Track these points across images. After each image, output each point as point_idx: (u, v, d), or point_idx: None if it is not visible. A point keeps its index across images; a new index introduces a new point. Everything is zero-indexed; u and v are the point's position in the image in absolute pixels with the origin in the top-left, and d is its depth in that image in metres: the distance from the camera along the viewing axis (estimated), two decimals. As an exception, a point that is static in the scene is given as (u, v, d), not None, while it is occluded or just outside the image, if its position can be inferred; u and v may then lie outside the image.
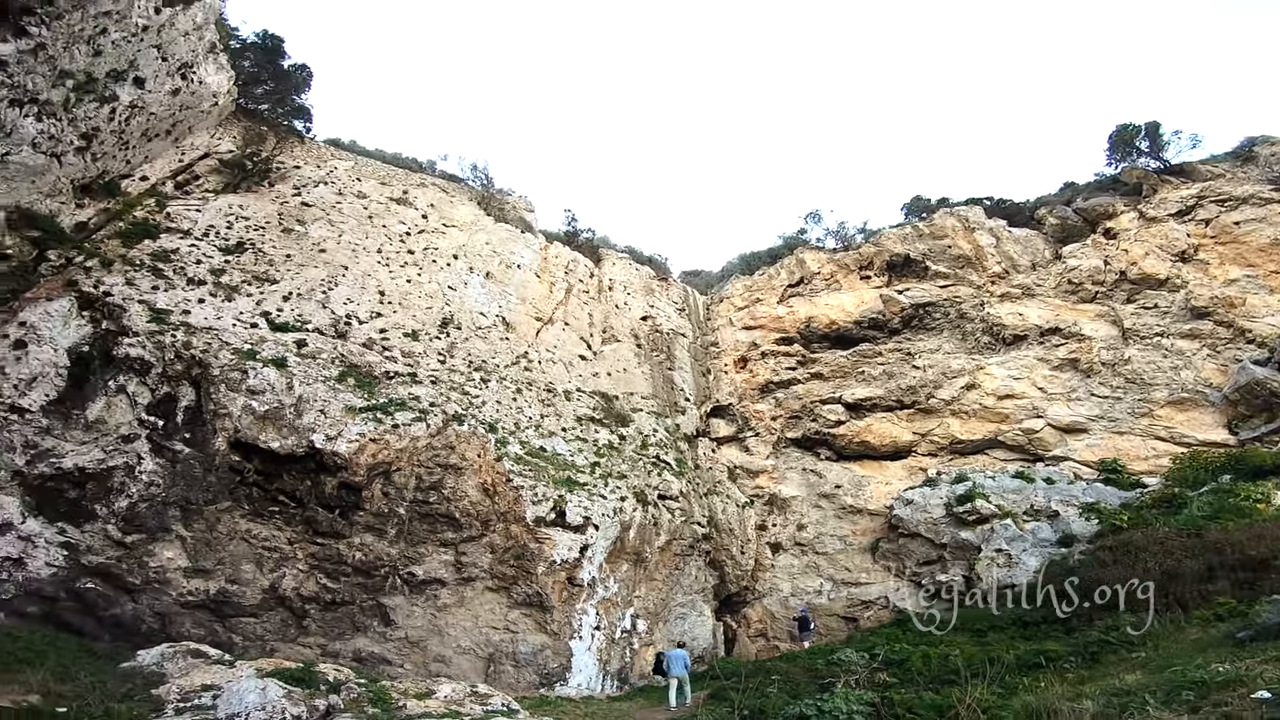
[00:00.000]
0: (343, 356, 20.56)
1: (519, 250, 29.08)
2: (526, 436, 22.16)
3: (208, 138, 24.26)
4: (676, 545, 23.08)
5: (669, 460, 25.54)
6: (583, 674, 17.86)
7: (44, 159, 17.62)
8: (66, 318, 16.82)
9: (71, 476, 14.82)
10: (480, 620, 17.29)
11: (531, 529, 19.19)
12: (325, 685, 11.00)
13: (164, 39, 20.46)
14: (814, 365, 30.80)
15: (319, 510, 17.22)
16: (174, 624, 14.09)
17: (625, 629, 19.84)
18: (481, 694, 12.64)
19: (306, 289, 21.73)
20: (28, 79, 16.05)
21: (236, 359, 18.09)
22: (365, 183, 27.28)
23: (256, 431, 17.17)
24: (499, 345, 25.01)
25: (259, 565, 15.62)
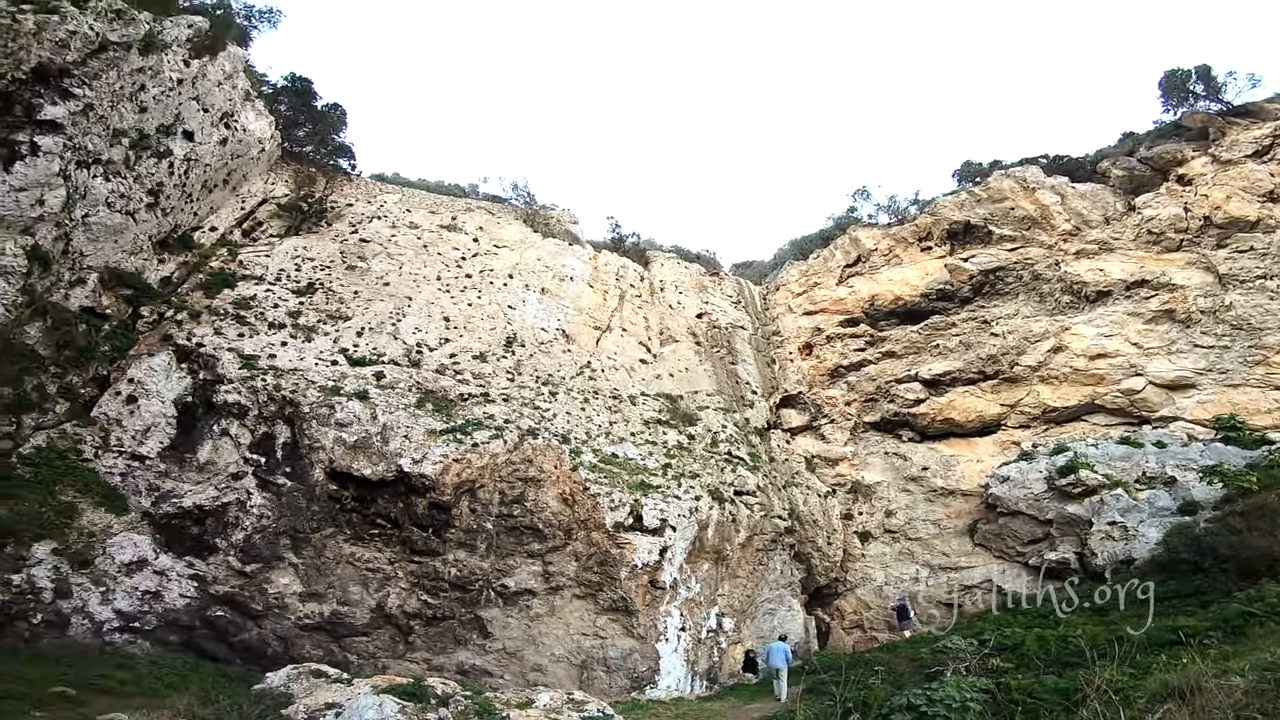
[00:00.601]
0: (418, 384, 21.49)
1: (569, 262, 29.57)
2: (598, 444, 22.44)
3: (262, 184, 25.88)
4: (758, 541, 22.72)
5: (741, 455, 25.22)
6: (671, 676, 17.90)
7: (120, 217, 19.29)
8: (168, 371, 18.40)
9: (192, 514, 16.18)
10: (571, 628, 17.64)
11: (611, 535, 19.40)
12: (435, 699, 11.41)
13: (200, 90, 21.90)
14: (884, 344, 29.71)
15: (414, 530, 18.05)
16: (295, 646, 15.13)
17: (711, 628, 19.71)
18: (577, 700, 12.81)
19: (377, 322, 22.88)
20: (86, 140, 17.52)
21: (323, 395, 19.21)
22: (415, 213, 28.37)
23: (349, 460, 18.17)
24: (562, 358, 25.48)
25: (365, 586, 16.55)
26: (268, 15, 27.89)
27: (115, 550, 14.74)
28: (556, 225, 32.11)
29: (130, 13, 18.23)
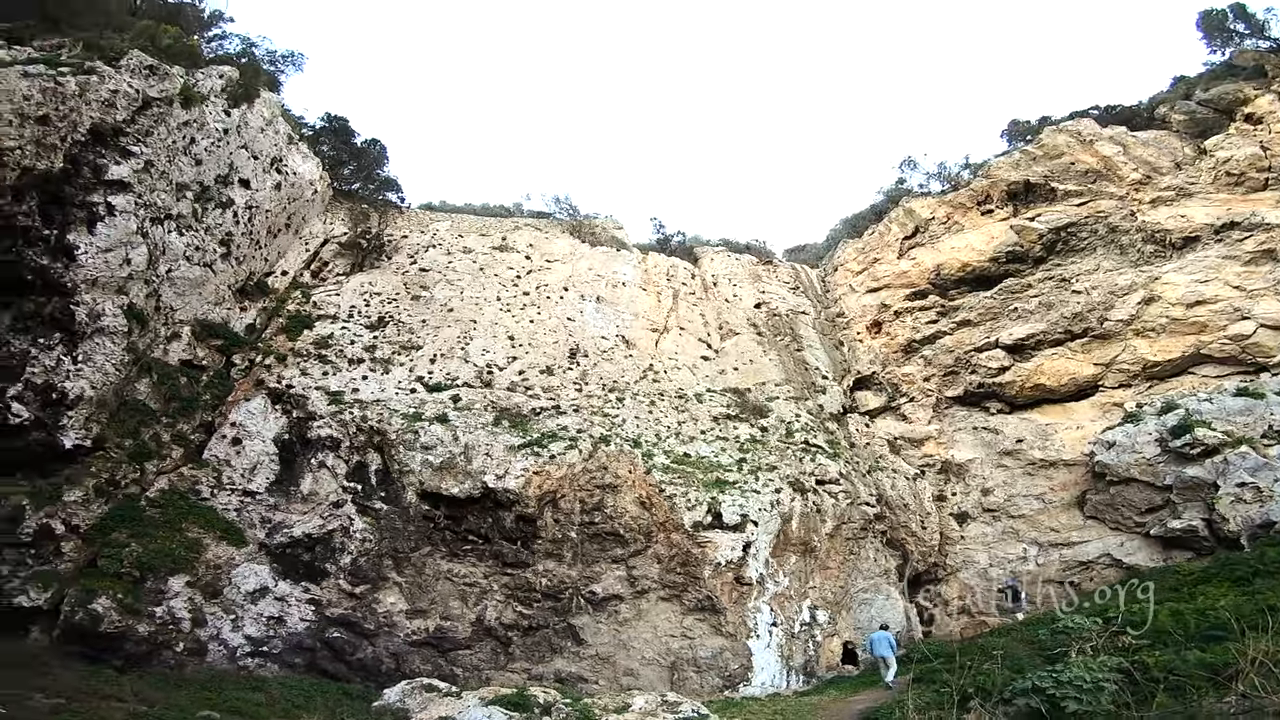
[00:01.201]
0: (493, 403, 22.20)
1: (620, 268, 29.84)
2: (669, 445, 22.47)
3: (321, 225, 27.20)
4: (846, 530, 22.05)
5: (819, 443, 24.57)
6: (765, 672, 17.63)
7: (199, 269, 20.69)
8: (265, 413, 19.77)
9: (302, 542, 17.32)
10: (659, 630, 17.73)
11: (691, 535, 19.35)
12: (538, 708, 11.76)
13: (246, 138, 22.95)
14: (957, 313, 28.34)
15: (503, 544, 18.64)
16: (406, 662, 15.91)
17: (804, 622, 19.26)
18: (671, 702, 12.85)
19: (447, 348, 23.82)
20: (154, 196, 18.55)
21: (406, 423, 20.14)
22: (467, 237, 29.29)
23: (437, 481, 18.96)
24: (624, 363, 25.73)
25: (464, 600, 17.26)
26: (292, 59, 28.90)
27: (240, 580, 16.03)
28: (602, 233, 32.50)
29: (162, 67, 19.03)
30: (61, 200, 16.17)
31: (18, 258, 15.14)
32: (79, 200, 16.49)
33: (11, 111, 14.30)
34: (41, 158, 15.20)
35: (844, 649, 19.63)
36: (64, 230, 16.05)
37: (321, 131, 29.74)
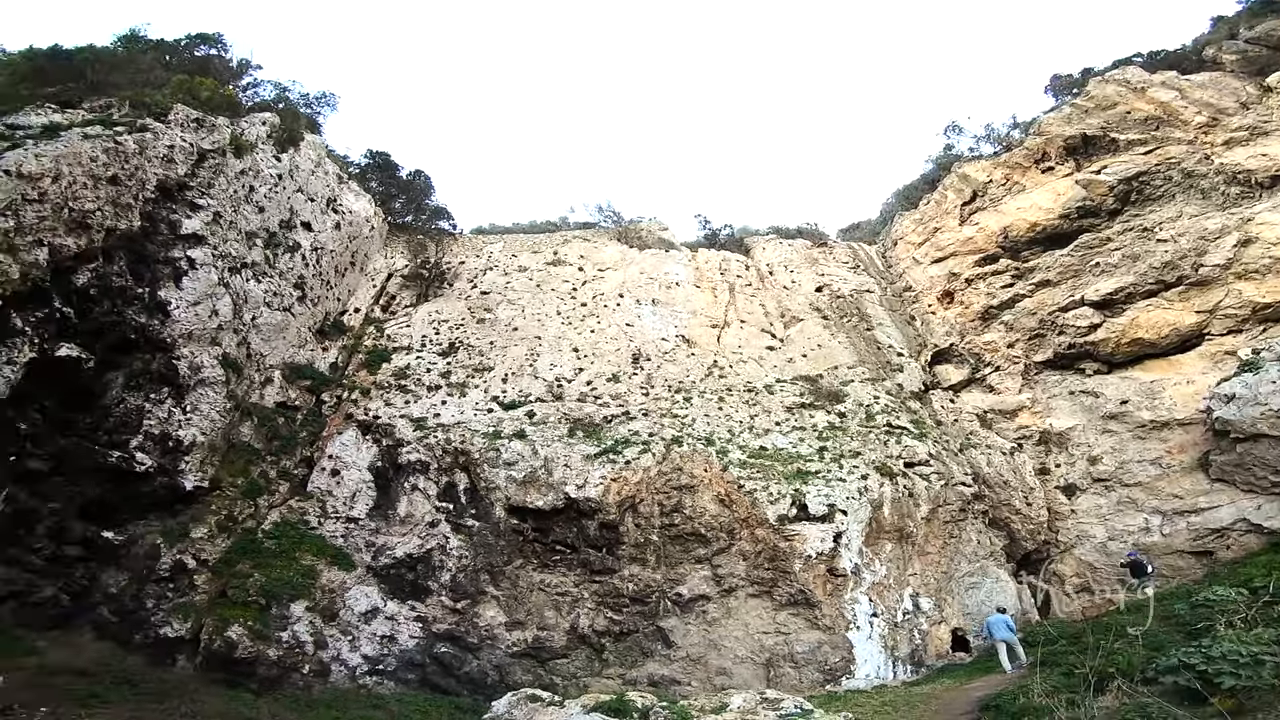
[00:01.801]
0: (565, 414, 22.75)
1: (671, 269, 29.93)
2: (743, 440, 22.23)
3: (383, 260, 28.49)
4: (943, 512, 21.07)
5: (903, 424, 23.59)
6: (869, 664, 17.09)
7: (280, 314, 21.99)
8: (357, 444, 21.06)
9: (405, 562, 18.33)
10: (750, 628, 17.52)
11: (776, 529, 19.06)
12: (636, 713, 11.89)
13: (300, 181, 23.75)
14: (1033, 274, 26.90)
15: (589, 551, 19.05)
16: (509, 673, 16.49)
17: (907, 610, 18.53)
18: (771, 699, 12.64)
19: (517, 367, 24.61)
20: (228, 246, 19.57)
21: (487, 441, 20.95)
22: (520, 256, 30.16)
23: (522, 495, 19.61)
24: (688, 363, 25.72)
25: (558, 610, 17.77)
26: (325, 99, 29.71)
27: (353, 602, 17.13)
28: (648, 236, 32.75)
29: (208, 119, 19.77)
30: (146, 258, 17.34)
31: (119, 318, 16.47)
32: (162, 256, 17.67)
33: (84, 174, 15.10)
34: (120, 218, 16.23)
35: (953, 636, 18.75)
36: (154, 287, 17.34)
37: (367, 168, 30.91)
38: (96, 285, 16.11)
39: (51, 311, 15.21)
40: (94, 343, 16.19)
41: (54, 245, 14.76)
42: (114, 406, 16.54)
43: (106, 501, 15.98)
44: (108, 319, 16.44)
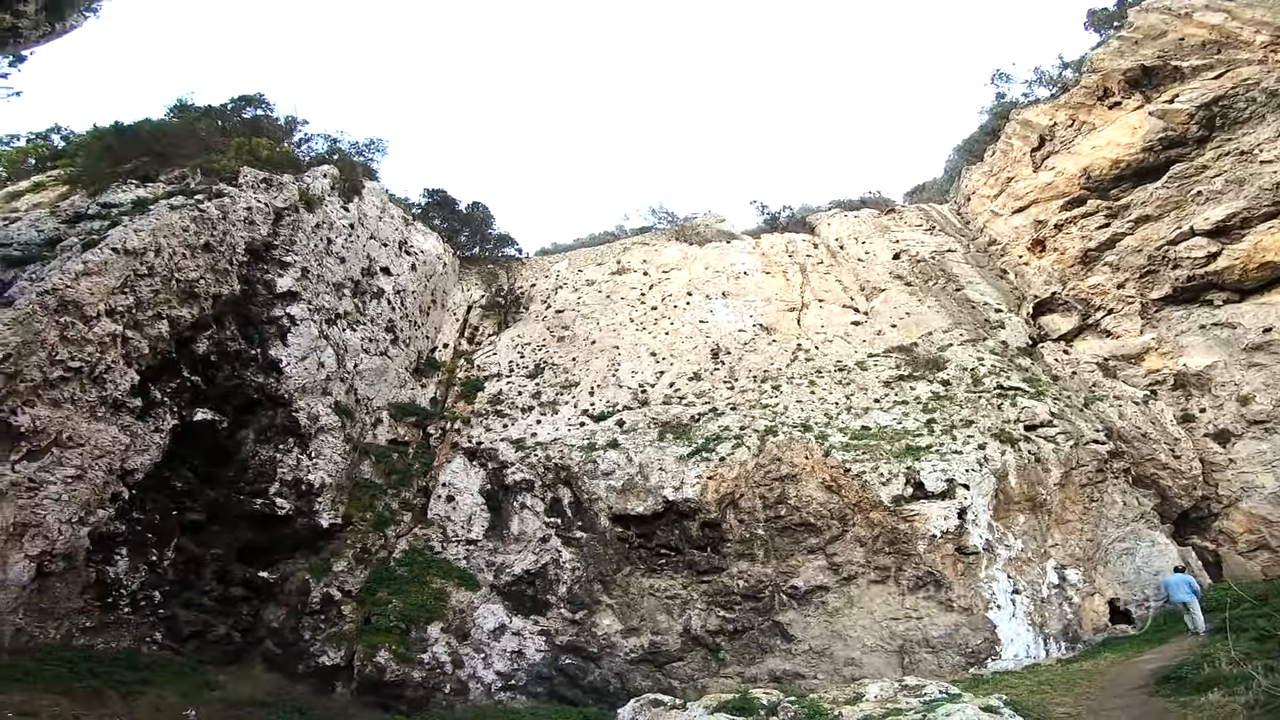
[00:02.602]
0: (653, 419, 22.84)
1: (735, 259, 29.49)
2: (843, 422, 21.32)
3: (461, 293, 29.75)
4: (1078, 475, 19.15)
5: (1016, 385, 21.73)
6: (1016, 644, 15.75)
7: (378, 359, 23.37)
8: (466, 470, 22.14)
9: (523, 579, 19.02)
10: (876, 615, 16.66)
11: (893, 511, 18.08)
12: (763, 709, 11.60)
13: (371, 229, 24.62)
14: (1128, 211, 24.86)
15: (694, 552, 18.94)
16: (629, 680, 16.62)
17: (1053, 584, 16.94)
18: (912, 686, 11.94)
19: (600, 379, 25.04)
20: (320, 300, 20.68)
21: (584, 454, 21.39)
22: (586, 271, 30.74)
23: (623, 503, 19.84)
24: (769, 350, 25.17)
25: (669, 613, 17.74)
26: (375, 145, 30.55)
27: (482, 620, 17.99)
28: (706, 230, 32.43)
29: (274, 178, 20.50)
30: (251, 320, 18.92)
31: (241, 380, 18.27)
32: (265, 317, 19.18)
33: (180, 245, 16.34)
34: (221, 283, 17.71)
35: (1111, 607, 17.07)
36: (265, 348, 19.00)
37: (427, 207, 32.10)
38: (215, 351, 17.97)
39: (183, 381, 17.12)
40: (224, 405, 18.09)
41: (171, 317, 16.50)
42: (250, 459, 18.40)
43: (258, 544, 17.79)
44: (231, 382, 18.31)
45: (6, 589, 12.08)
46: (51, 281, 14.06)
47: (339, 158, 26.62)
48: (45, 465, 13.69)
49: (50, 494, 13.50)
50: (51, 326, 13.95)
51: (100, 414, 15.02)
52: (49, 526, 13.12)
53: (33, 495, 13.18)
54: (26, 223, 18.18)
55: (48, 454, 13.81)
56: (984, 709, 10.09)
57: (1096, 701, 10.03)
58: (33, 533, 12.83)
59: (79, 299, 14.37)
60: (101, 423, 14.97)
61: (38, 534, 12.90)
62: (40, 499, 13.28)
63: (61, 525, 13.34)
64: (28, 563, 12.56)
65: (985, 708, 10.16)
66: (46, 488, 13.50)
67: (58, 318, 14.05)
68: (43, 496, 13.34)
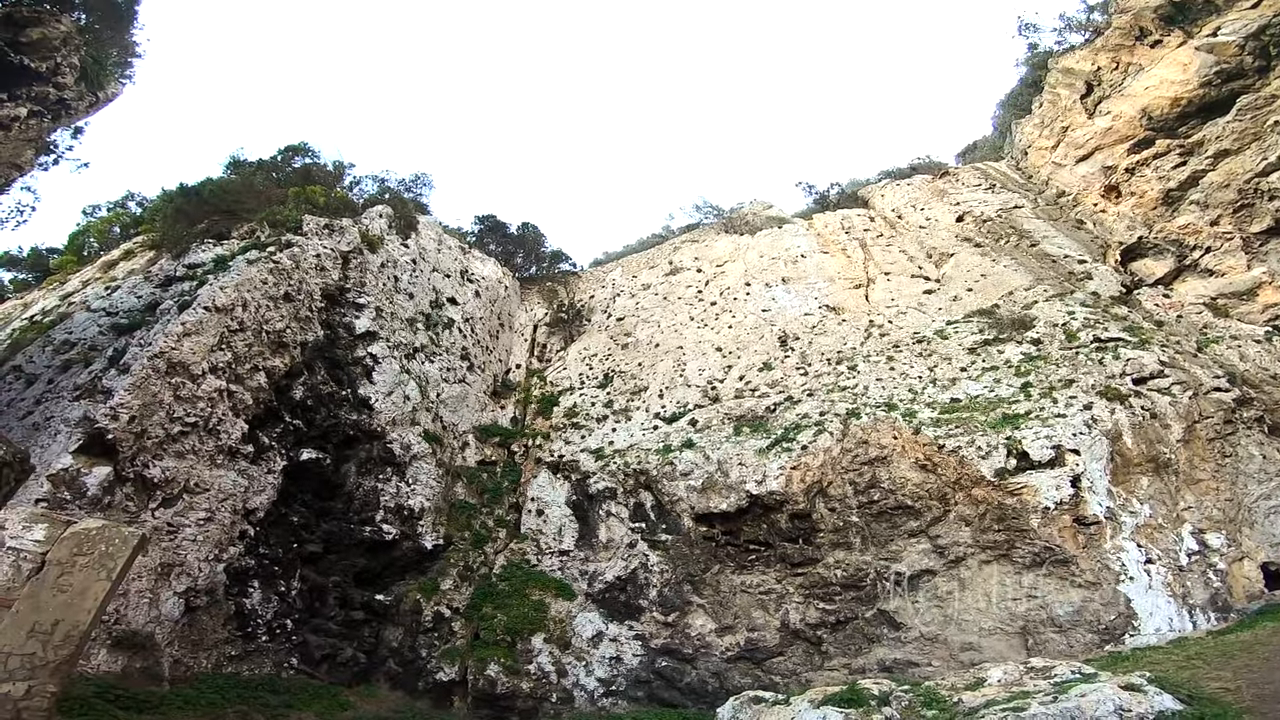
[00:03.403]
0: (726, 414, 22.52)
1: (789, 244, 28.96)
2: (929, 396, 20.17)
3: (525, 314, 30.71)
4: (1203, 429, 17.18)
5: (1116, 335, 19.84)
6: (1156, 617, 14.24)
7: (458, 387, 24.45)
8: (551, 484, 22.65)
9: (615, 585, 19.16)
10: (992, 596, 15.54)
11: (997, 485, 16.86)
12: (874, 700, 11.08)
13: (432, 262, 25.55)
14: (1203, 148, 23.73)
15: (785, 545, 18.40)
16: (726, 679, 16.36)
17: (1191, 550, 15.18)
18: (1039, 668, 11.01)
19: (668, 380, 25.04)
20: (397, 337, 21.76)
21: (660, 457, 21.37)
22: (640, 276, 30.97)
23: (705, 502, 19.60)
24: (841, 330, 24.38)
25: (764, 609, 17.32)
26: (421, 180, 31.49)
27: (580, 629, 18.27)
28: (755, 219, 32.12)
29: (334, 223, 21.28)
30: (338, 363, 20.28)
31: (336, 419, 19.63)
32: (350, 359, 20.48)
33: (263, 297, 17.66)
34: (305, 330, 19.09)
35: (1265, 572, 15.18)
36: (354, 387, 20.32)
37: (480, 233, 33.10)
38: (310, 395, 19.43)
39: (286, 425, 18.58)
40: (324, 443, 19.46)
41: (267, 368, 18.04)
42: (355, 491, 19.65)
43: (372, 570, 18.95)
44: (328, 422, 19.70)
45: (162, 624, 13.47)
46: (158, 345, 15.65)
47: (390, 196, 27.60)
48: (179, 510, 15.22)
49: (187, 535, 14.98)
50: (165, 388, 15.55)
51: (219, 461, 16.54)
52: (190, 565, 14.54)
53: (172, 538, 14.67)
54: (126, 289, 20.29)
55: (180, 500, 15.34)
56: (1125, 688, 9.21)
57: (1260, 674, 8.84)
58: (177, 571, 14.27)
59: (184, 359, 15.94)
60: (221, 469, 16.47)
61: (181, 572, 14.33)
62: (180, 540, 14.76)
63: (200, 563, 14.76)
64: (177, 599, 13.97)
65: (1127, 686, 9.27)
66: (183, 530, 14.99)
67: (169, 379, 15.64)
68: (181, 538, 14.82)
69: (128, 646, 12.30)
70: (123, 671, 11.81)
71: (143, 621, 13.07)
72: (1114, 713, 8.57)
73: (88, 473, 13.77)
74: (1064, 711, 8.85)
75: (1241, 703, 7.93)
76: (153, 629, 13.14)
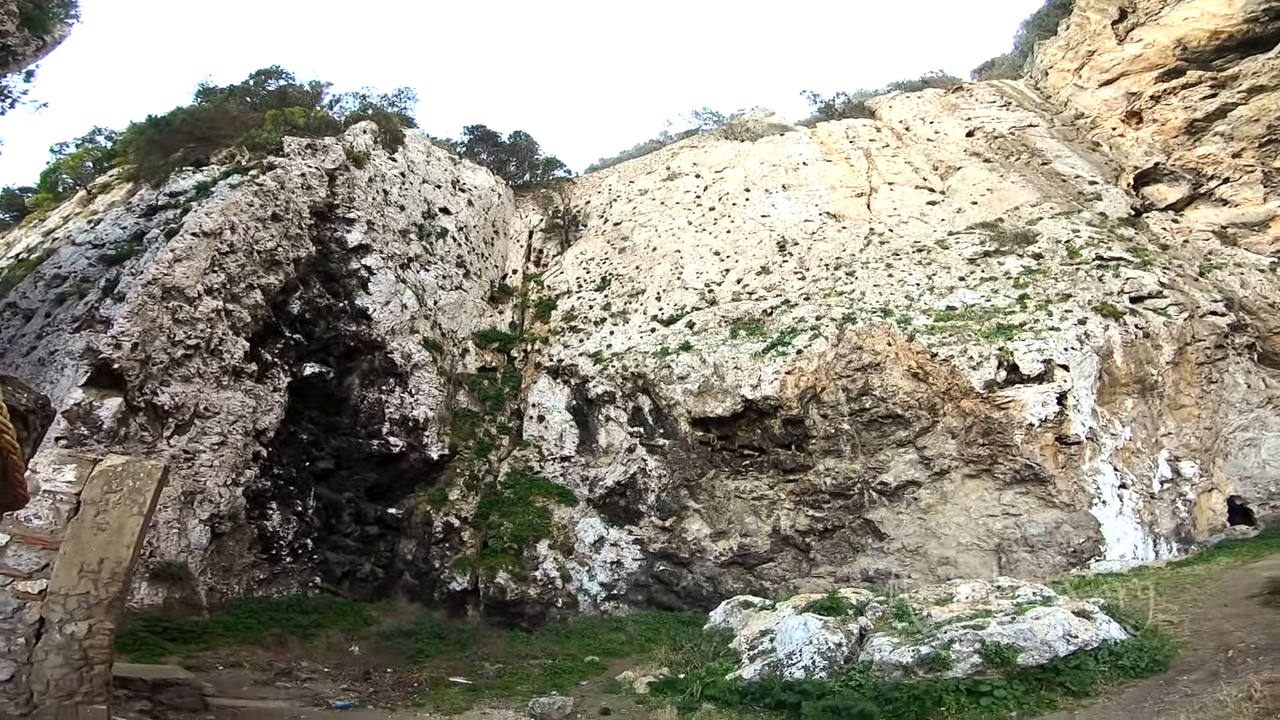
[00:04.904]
0: (723, 317, 22.59)
1: (791, 151, 28.17)
2: (926, 303, 20.13)
3: (519, 221, 30.26)
4: (1193, 352, 17.36)
5: (1118, 255, 19.60)
6: (1122, 543, 15.06)
7: (454, 294, 24.40)
8: (551, 389, 23.13)
9: (615, 490, 20.15)
10: (971, 512, 16.33)
11: (985, 397, 17.28)
12: (851, 609, 12.14)
13: (421, 174, 25.19)
14: (1238, 82, 22.95)
15: (778, 451, 19.10)
16: (720, 583, 17.66)
17: (1165, 478, 15.90)
18: (1005, 587, 11.98)
19: (665, 283, 24.78)
20: (391, 249, 21.73)
21: (658, 360, 21.63)
22: (637, 181, 30.22)
23: (701, 406, 20.05)
24: (840, 238, 24.01)
25: (757, 515, 18.40)
26: (405, 94, 30.88)
27: (583, 534, 19.50)
28: (756, 126, 31.24)
29: (316, 142, 21.04)
30: (333, 276, 20.17)
31: (336, 331, 19.80)
32: (344, 271, 20.37)
33: (251, 219, 17.49)
34: (297, 248, 18.88)
35: (1230, 506, 16.02)
36: (350, 299, 20.26)
37: (471, 143, 32.52)
38: (308, 309, 19.36)
39: (287, 340, 18.71)
40: (327, 357, 19.70)
41: (262, 285, 17.84)
42: (359, 404, 20.17)
43: (382, 483, 19.96)
44: (328, 334, 19.80)
45: (193, 553, 14.48)
46: (151, 272, 15.33)
47: (373, 112, 27.07)
48: (193, 436, 15.74)
49: (204, 461, 15.62)
50: (163, 312, 15.45)
51: (225, 382, 16.83)
52: (211, 491, 15.32)
53: (190, 465, 15.30)
54: (109, 221, 19.97)
55: (192, 425, 15.81)
56: (1077, 613, 10.07)
57: (1203, 610, 9.73)
58: (200, 498, 15.06)
59: (178, 284, 15.69)
60: (228, 390, 16.81)
61: (204, 499, 15.13)
62: (198, 467, 15.42)
63: (220, 489, 15.53)
64: (203, 527, 14.89)
65: (1079, 612, 10.11)
66: (200, 456, 15.60)
67: (165, 304, 15.49)
68: (199, 464, 15.47)
69: (165, 578, 13.29)
70: (164, 604, 12.87)
71: (175, 552, 14.01)
72: (1062, 638, 9.41)
73: (100, 405, 14.03)
74: (1018, 633, 9.72)
75: (1180, 637, 8.81)
76: (185, 559, 14.11)
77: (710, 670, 10.76)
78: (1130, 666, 8.34)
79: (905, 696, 8.79)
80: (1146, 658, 8.44)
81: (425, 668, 13.25)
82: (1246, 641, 7.85)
